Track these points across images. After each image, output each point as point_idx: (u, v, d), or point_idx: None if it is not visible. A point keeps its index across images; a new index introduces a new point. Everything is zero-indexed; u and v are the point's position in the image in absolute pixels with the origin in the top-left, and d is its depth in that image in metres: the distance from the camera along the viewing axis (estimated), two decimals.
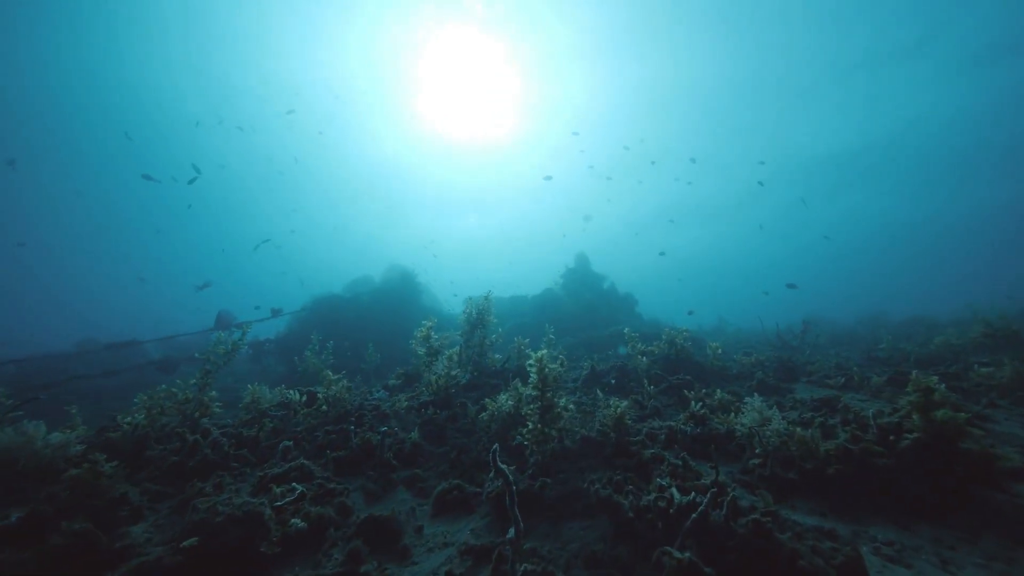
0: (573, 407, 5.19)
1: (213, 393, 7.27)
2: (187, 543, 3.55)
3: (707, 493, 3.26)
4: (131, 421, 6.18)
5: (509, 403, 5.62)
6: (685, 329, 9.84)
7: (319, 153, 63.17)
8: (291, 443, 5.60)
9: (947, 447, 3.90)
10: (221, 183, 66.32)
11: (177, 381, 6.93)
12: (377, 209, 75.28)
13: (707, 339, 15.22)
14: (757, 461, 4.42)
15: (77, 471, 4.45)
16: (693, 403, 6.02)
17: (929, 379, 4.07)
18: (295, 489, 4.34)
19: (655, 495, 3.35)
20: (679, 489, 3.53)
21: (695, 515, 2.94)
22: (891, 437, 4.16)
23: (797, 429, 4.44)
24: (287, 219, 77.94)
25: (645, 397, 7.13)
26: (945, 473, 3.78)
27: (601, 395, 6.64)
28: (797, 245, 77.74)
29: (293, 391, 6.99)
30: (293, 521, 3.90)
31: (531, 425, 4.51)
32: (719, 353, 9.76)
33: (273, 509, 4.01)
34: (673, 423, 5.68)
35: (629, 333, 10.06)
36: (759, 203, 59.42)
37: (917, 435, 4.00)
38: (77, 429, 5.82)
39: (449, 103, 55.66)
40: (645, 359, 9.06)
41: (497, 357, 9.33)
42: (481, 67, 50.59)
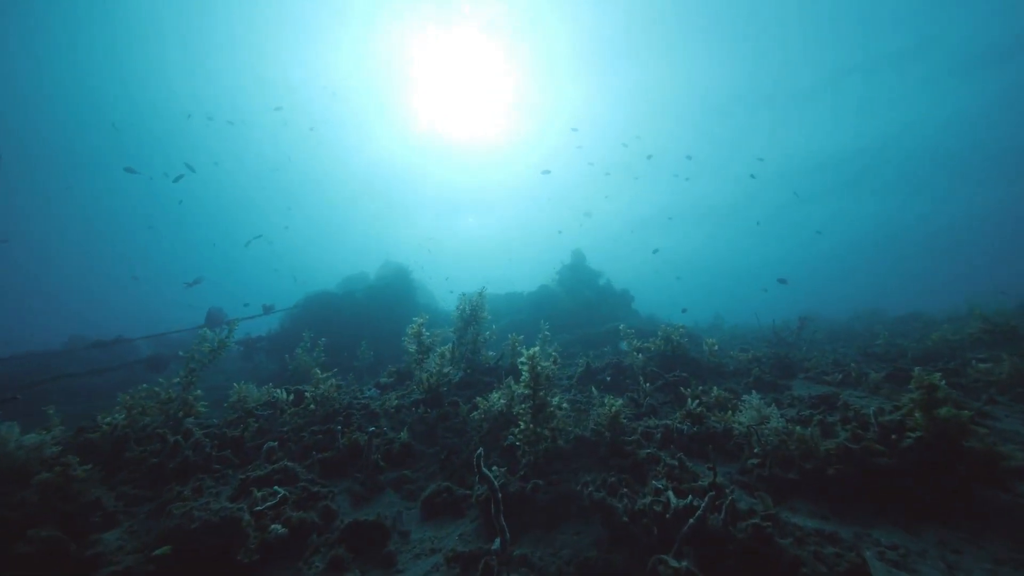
0: (567, 406, 5.04)
1: (198, 392, 7.06)
2: (159, 552, 3.37)
3: (705, 496, 3.12)
4: (111, 421, 5.97)
5: (501, 402, 5.46)
6: (681, 325, 9.70)
7: (314, 151, 62.71)
8: (276, 444, 5.42)
9: (950, 446, 3.77)
10: (215, 180, 65.66)
11: (160, 380, 6.74)
12: (375, 208, 75.02)
13: (703, 335, 15.12)
14: (756, 461, 4.29)
15: (48, 475, 4.26)
16: (690, 401, 5.88)
17: (932, 376, 3.94)
18: (277, 493, 4.17)
19: (651, 498, 3.20)
20: (675, 492, 3.38)
21: (692, 520, 2.80)
22: (893, 436, 4.04)
23: (796, 428, 4.31)
24: (281, 216, 77.40)
25: (641, 395, 6.99)
26: (949, 473, 3.66)
27: (596, 393, 6.50)
28: (792, 244, 78.34)
29: (280, 390, 6.80)
30: (273, 527, 3.73)
31: (523, 425, 4.35)
32: (715, 349, 9.65)
33: (252, 514, 3.84)
34: (669, 422, 5.54)
35: (625, 329, 9.93)
36: (755, 203, 59.64)
37: (920, 434, 3.87)
38: (54, 430, 5.59)
39: (447, 103, 55.39)
40: (641, 356, 8.92)
41: (491, 354, 9.17)
42: (479, 67, 50.30)
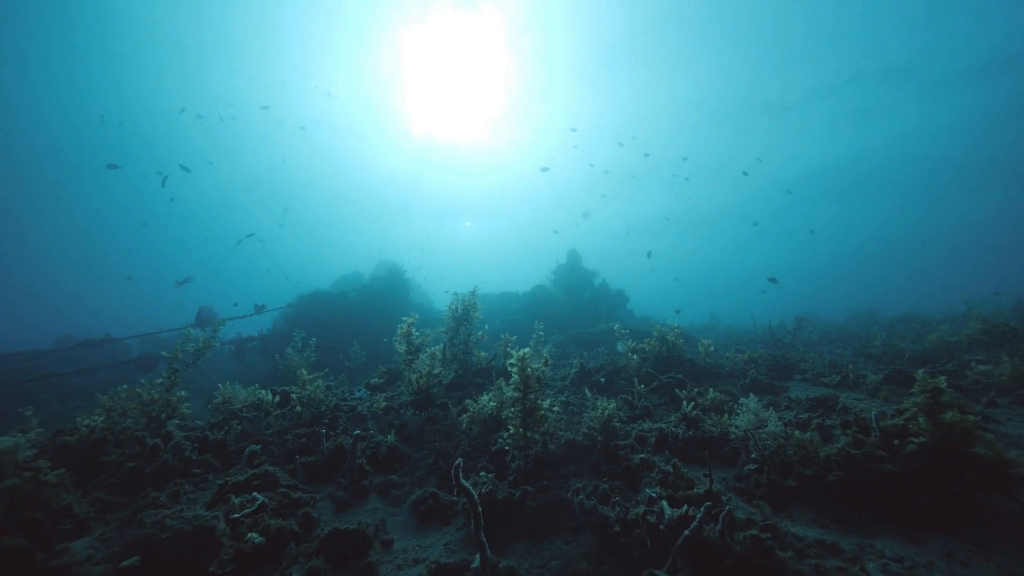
0: (558, 408, 4.88)
1: (182, 393, 6.86)
2: (126, 563, 3.20)
3: (700, 505, 2.97)
4: (89, 423, 5.78)
5: (491, 404, 5.30)
6: (676, 326, 9.56)
7: (309, 152, 62.44)
8: (259, 447, 5.24)
9: (956, 452, 3.64)
10: (210, 179, 65.19)
11: (142, 381, 6.54)
12: (369, 211, 74.77)
13: (699, 336, 15.00)
14: (753, 467, 4.15)
15: (16, 480, 4.08)
16: (685, 403, 5.74)
17: (937, 379, 3.81)
18: (255, 499, 3.99)
19: (644, 508, 3.05)
20: (670, 500, 3.23)
21: (687, 532, 2.65)
22: (895, 441, 3.90)
23: (796, 432, 4.17)
24: (274, 216, 77.04)
25: (635, 397, 6.85)
26: (954, 480, 3.53)
27: (589, 395, 6.35)
28: (788, 247, 79.25)
29: (265, 391, 6.61)
30: (250, 535, 3.56)
31: (512, 429, 4.19)
32: (711, 350, 9.52)
33: (228, 522, 3.67)
34: (664, 425, 5.40)
35: (619, 329, 9.79)
36: (751, 208, 60.02)
37: (924, 439, 3.74)
38: (30, 432, 5.38)
39: (443, 107, 55.09)
40: (636, 357, 8.79)
41: (483, 355, 9.00)
42: (477, 69, 50.05)
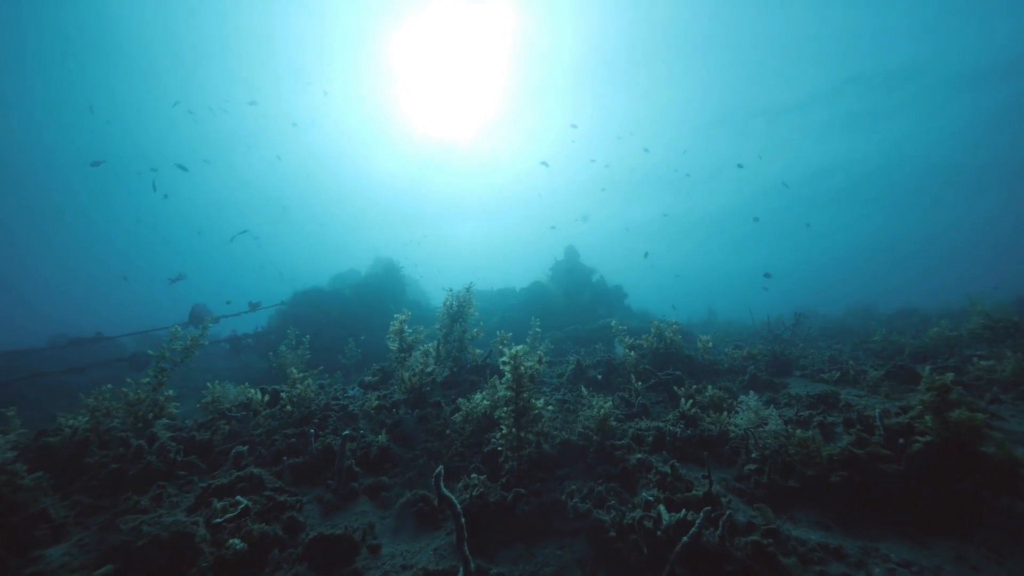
0: (552, 408, 4.75)
1: (170, 392, 6.72)
2: (100, 572, 3.06)
3: (699, 509, 2.84)
4: (72, 424, 5.62)
5: (485, 403, 5.16)
6: (674, 322, 9.43)
7: (305, 151, 62.12)
8: (246, 448, 5.09)
9: (963, 451, 3.52)
10: (203, 178, 64.78)
11: (128, 380, 6.39)
12: (369, 211, 74.55)
13: (697, 332, 14.89)
14: (754, 467, 4.02)
15: None
16: (683, 401, 5.61)
17: (945, 377, 3.68)
18: (239, 503, 3.85)
19: (640, 512, 2.91)
20: (668, 504, 3.10)
21: (685, 539, 2.52)
22: (900, 440, 3.78)
23: (797, 431, 4.04)
24: (270, 215, 76.73)
25: (632, 394, 6.72)
26: (962, 480, 3.41)
27: (586, 392, 6.22)
28: (787, 246, 79.76)
29: (254, 390, 6.47)
30: (232, 541, 3.41)
31: (505, 429, 4.05)
32: (709, 347, 9.39)
33: (210, 528, 3.53)
34: (662, 423, 5.27)
35: (616, 326, 9.66)
36: (749, 210, 60.12)
37: (930, 438, 3.62)
38: (11, 433, 5.22)
39: (441, 109, 54.76)
40: (633, 353, 8.66)
41: (478, 352, 8.87)
42: (476, 67, 49.65)
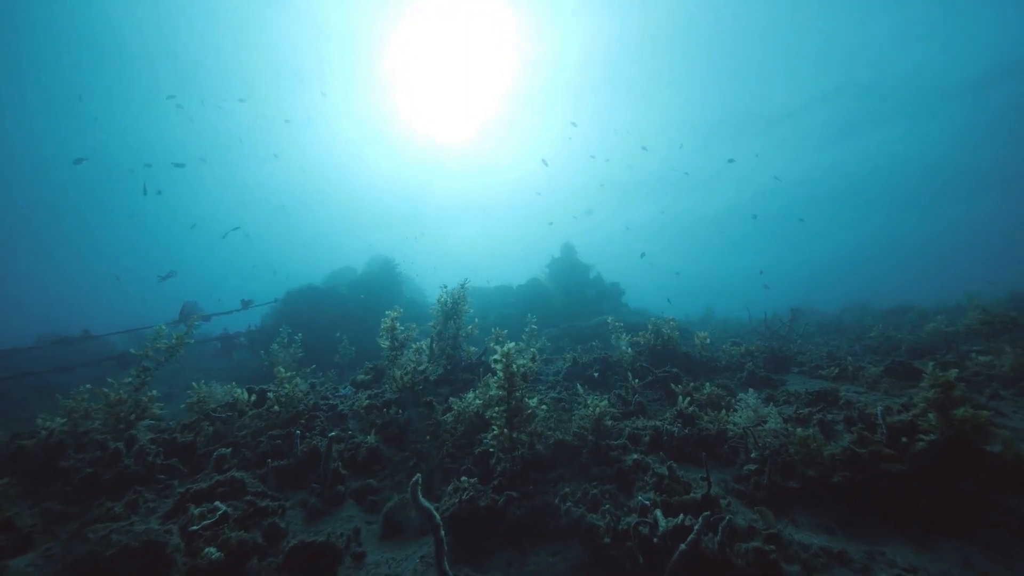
0: (546, 407, 4.61)
1: (153, 392, 6.53)
2: None
3: (697, 512, 2.70)
4: (48, 426, 5.43)
5: (477, 402, 5.01)
6: (672, 318, 9.30)
7: (301, 150, 61.72)
8: (229, 451, 4.92)
9: (969, 450, 3.41)
10: (199, 176, 64.20)
11: (110, 380, 6.20)
12: (367, 211, 74.29)
13: (694, 329, 14.78)
14: (753, 467, 3.89)
15: None
16: (681, 399, 5.48)
17: (948, 373, 3.56)
18: (217, 509, 3.69)
19: (636, 518, 2.77)
20: (665, 507, 2.97)
21: (683, 546, 2.38)
22: (903, 439, 3.66)
23: (797, 429, 3.92)
24: (267, 214, 76.22)
25: (629, 392, 6.59)
26: (968, 480, 3.29)
27: (581, 390, 6.08)
28: (785, 247, 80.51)
29: (240, 389, 6.29)
30: (207, 550, 3.25)
31: (496, 430, 3.91)
32: (707, 343, 9.28)
33: (185, 536, 3.36)
34: (659, 422, 5.13)
35: (613, 322, 9.52)
36: (747, 211, 60.21)
37: (934, 436, 3.50)
38: None
39: (439, 110, 54.42)
40: (630, 350, 8.53)
41: (473, 350, 8.71)
42: (475, 68, 49.41)
